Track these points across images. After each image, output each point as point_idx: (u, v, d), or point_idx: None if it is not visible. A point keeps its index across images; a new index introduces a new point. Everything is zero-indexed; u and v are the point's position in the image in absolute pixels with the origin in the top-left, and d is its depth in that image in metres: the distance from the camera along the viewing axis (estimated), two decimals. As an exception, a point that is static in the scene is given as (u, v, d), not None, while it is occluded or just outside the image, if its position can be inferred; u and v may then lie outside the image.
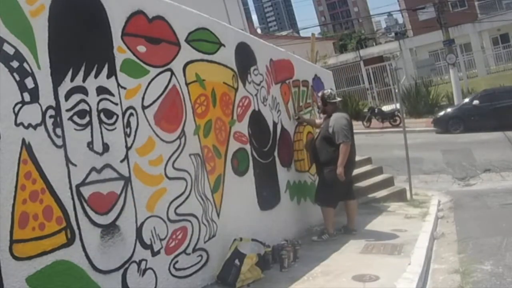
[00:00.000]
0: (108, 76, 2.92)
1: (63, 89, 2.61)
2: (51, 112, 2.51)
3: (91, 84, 2.79)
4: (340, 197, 5.20)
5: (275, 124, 5.04)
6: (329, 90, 5.36)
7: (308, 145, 5.58)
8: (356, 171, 7.70)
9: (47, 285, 2.37)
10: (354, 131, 5.25)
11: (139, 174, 3.07)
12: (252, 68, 4.67)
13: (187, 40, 3.70)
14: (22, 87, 2.37)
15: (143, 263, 3.03)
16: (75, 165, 2.61)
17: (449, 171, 9.29)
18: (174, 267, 3.30)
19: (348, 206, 5.27)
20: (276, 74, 5.24)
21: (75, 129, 2.65)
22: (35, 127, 2.41)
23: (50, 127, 2.50)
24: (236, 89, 4.34)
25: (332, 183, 4.92)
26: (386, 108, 17.75)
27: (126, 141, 3.01)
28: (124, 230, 2.90)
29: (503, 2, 25.55)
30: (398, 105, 14.73)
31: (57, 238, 2.46)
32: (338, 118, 5.00)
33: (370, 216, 5.98)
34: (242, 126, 4.39)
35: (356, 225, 5.28)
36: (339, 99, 5.41)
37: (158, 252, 3.17)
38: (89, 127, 2.74)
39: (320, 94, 5.39)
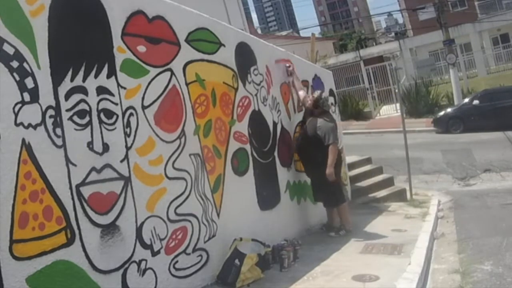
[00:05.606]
0: (108, 76, 2.92)
1: (63, 89, 2.60)
2: (51, 112, 2.51)
3: (91, 84, 2.78)
4: (343, 191, 5.27)
5: (275, 124, 5.04)
6: (325, 96, 5.38)
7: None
8: (356, 171, 7.76)
9: (47, 285, 2.37)
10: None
11: (139, 174, 3.06)
12: (252, 68, 4.66)
13: (187, 40, 3.70)
14: (22, 87, 2.36)
15: (143, 263, 3.03)
16: (75, 165, 2.61)
17: (449, 171, 9.29)
18: (174, 267, 3.30)
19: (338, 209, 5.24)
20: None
21: (75, 129, 2.64)
22: (35, 127, 2.41)
23: (50, 127, 2.49)
24: (236, 89, 4.34)
25: (333, 182, 4.98)
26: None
27: (126, 141, 3.00)
28: (124, 230, 2.89)
29: (503, 2, 25.59)
30: (398, 105, 14.72)
31: (57, 238, 2.45)
32: (325, 122, 5.08)
33: (370, 216, 5.98)
34: (242, 126, 4.38)
35: (346, 224, 5.18)
36: (331, 108, 5.42)
37: (158, 252, 3.17)
38: (89, 127, 2.74)
39: (315, 94, 5.33)
